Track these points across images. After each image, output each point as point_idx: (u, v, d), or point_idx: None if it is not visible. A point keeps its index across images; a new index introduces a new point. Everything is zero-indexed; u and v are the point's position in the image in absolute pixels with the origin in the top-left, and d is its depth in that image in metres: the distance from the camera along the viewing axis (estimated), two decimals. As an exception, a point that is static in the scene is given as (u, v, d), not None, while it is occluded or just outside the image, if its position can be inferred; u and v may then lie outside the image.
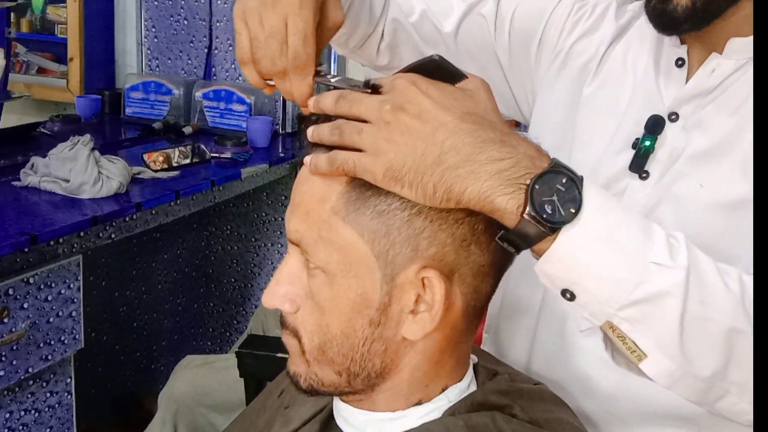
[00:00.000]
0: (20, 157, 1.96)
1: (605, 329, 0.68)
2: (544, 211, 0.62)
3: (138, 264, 2.55)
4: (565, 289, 0.66)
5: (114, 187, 1.76)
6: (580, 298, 0.66)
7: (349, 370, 0.71)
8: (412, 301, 0.68)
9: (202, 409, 1.84)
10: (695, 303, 0.66)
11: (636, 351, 0.67)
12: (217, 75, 2.67)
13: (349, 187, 0.67)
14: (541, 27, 1.06)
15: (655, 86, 0.94)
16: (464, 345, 0.74)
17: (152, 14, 2.72)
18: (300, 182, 0.71)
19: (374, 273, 0.68)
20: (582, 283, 0.65)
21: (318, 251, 0.69)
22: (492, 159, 0.62)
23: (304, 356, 0.72)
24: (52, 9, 2.95)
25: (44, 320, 1.52)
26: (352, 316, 0.69)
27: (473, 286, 0.70)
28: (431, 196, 0.63)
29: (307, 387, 0.73)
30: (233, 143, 2.30)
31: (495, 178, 0.62)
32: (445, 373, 0.74)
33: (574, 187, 0.63)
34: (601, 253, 0.64)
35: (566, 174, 0.63)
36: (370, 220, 0.67)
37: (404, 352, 0.71)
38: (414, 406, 0.73)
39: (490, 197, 0.62)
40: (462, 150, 0.62)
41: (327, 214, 0.68)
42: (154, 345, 2.66)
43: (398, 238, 0.66)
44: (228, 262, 2.79)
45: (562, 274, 0.65)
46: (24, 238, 1.47)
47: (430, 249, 0.67)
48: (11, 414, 1.51)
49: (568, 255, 0.64)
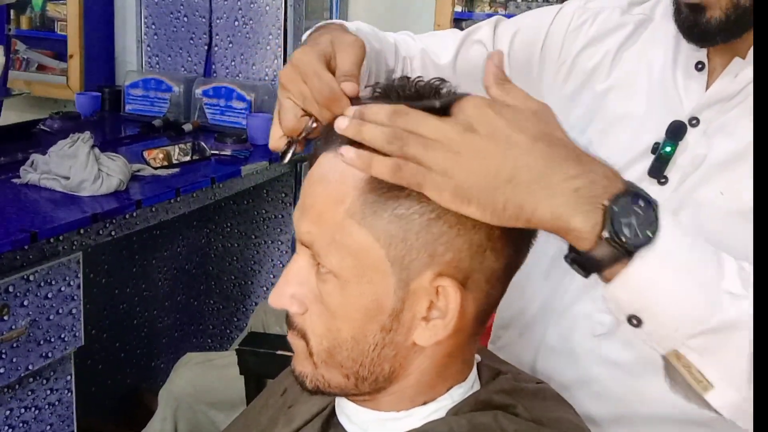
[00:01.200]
0: (20, 154, 1.95)
1: (669, 357, 0.65)
2: (623, 234, 0.59)
3: (138, 261, 2.55)
4: (632, 315, 0.64)
5: (114, 185, 1.75)
6: (647, 325, 0.63)
7: (357, 374, 0.70)
8: (425, 308, 0.67)
9: (203, 406, 1.84)
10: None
11: (702, 381, 0.65)
12: (217, 72, 2.66)
13: (367, 188, 0.65)
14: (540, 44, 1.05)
15: (674, 90, 0.92)
16: (471, 348, 0.74)
17: (152, 11, 2.71)
18: (312, 182, 0.69)
19: (388, 278, 0.66)
20: (653, 309, 0.63)
21: (331, 255, 0.67)
22: (567, 177, 0.60)
23: (312, 358, 0.71)
24: (52, 6, 2.95)
25: (44, 318, 1.52)
26: (364, 322, 0.68)
27: (485, 291, 0.69)
28: (500, 213, 0.61)
29: (313, 388, 0.72)
30: (233, 140, 2.30)
31: (570, 196, 0.59)
32: (450, 375, 0.73)
33: (652, 210, 0.61)
34: (677, 279, 0.62)
35: (643, 196, 0.61)
36: (387, 224, 0.65)
37: (414, 357, 0.70)
38: (418, 406, 0.73)
39: (564, 216, 0.60)
40: (535, 168, 0.60)
41: (341, 217, 0.66)
42: (154, 342, 2.66)
43: (416, 243, 0.65)
44: (228, 260, 2.79)
45: (633, 299, 0.63)
46: (24, 235, 1.47)
47: (447, 255, 0.65)
48: (11, 411, 1.51)
49: (643, 280, 0.62)
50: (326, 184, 0.67)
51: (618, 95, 0.97)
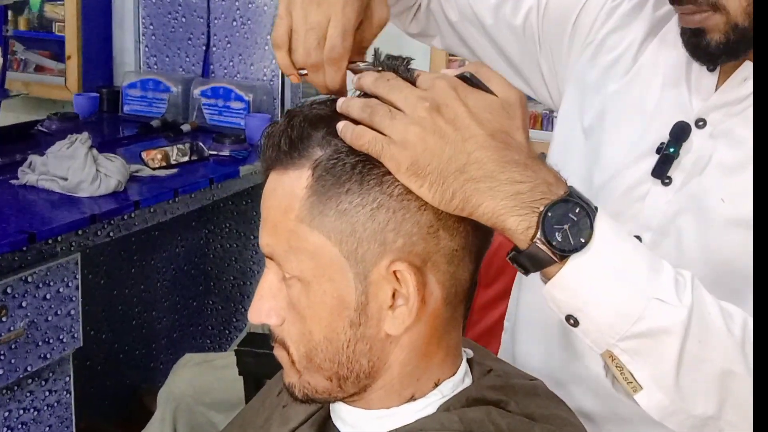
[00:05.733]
0: (18, 155, 1.96)
1: (605, 358, 0.69)
2: (554, 239, 0.64)
3: (136, 262, 2.55)
4: (569, 315, 0.67)
5: (112, 186, 1.75)
6: (582, 325, 0.67)
7: (338, 374, 0.71)
8: (389, 297, 0.68)
9: (202, 407, 1.84)
10: (694, 342, 0.67)
11: (632, 382, 0.69)
12: (215, 72, 2.66)
13: (309, 192, 0.67)
14: (575, 15, 1.04)
15: (685, 90, 0.92)
16: (452, 334, 0.74)
17: (150, 12, 2.71)
18: (265, 197, 0.72)
19: (347, 274, 0.68)
20: (586, 311, 0.67)
21: (290, 261, 0.69)
22: (512, 180, 0.64)
23: (295, 366, 0.73)
24: (50, 7, 2.95)
25: (43, 319, 1.52)
26: (332, 320, 0.69)
27: (449, 272, 0.70)
28: (448, 202, 0.64)
29: (302, 396, 0.74)
30: (231, 141, 2.30)
31: (511, 199, 0.63)
32: (435, 366, 0.73)
33: (587, 217, 0.65)
34: (606, 283, 0.66)
35: (580, 204, 0.65)
36: (334, 221, 0.67)
37: (390, 349, 0.71)
38: (408, 402, 0.73)
39: (502, 216, 0.64)
40: (486, 165, 0.63)
41: (293, 224, 0.68)
42: (153, 343, 2.66)
43: (364, 234, 0.67)
44: (227, 260, 2.79)
45: (567, 299, 0.67)
46: (22, 236, 1.47)
47: (398, 241, 0.67)
48: (10, 413, 1.51)
49: (574, 282, 0.66)
50: (274, 197, 0.70)
51: (633, 91, 0.97)
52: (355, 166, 0.67)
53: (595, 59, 1.01)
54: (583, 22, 1.04)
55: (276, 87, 2.59)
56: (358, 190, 0.67)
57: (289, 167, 0.69)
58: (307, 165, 0.68)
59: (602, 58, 1.01)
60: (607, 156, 0.95)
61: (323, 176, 0.67)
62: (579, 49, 1.04)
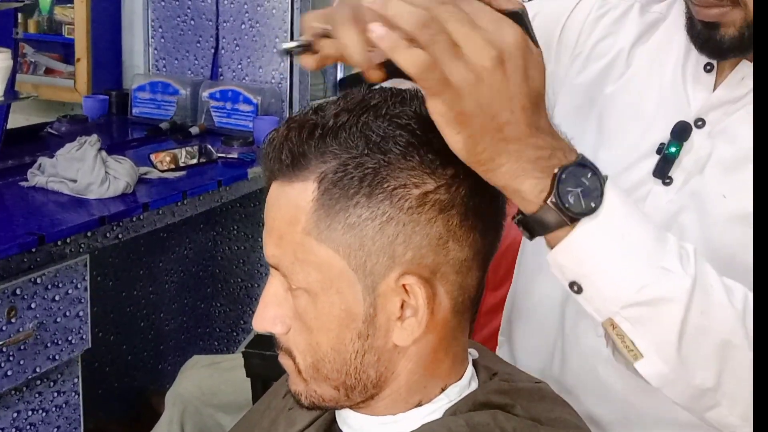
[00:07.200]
0: (27, 157, 1.96)
1: (606, 326, 0.69)
2: (567, 201, 0.63)
3: (145, 264, 2.55)
4: (573, 282, 0.67)
5: (121, 188, 1.76)
6: (586, 292, 0.67)
7: (345, 384, 0.71)
8: (398, 308, 0.68)
9: (209, 409, 1.84)
10: (696, 312, 0.67)
11: (633, 350, 0.68)
12: (224, 75, 2.67)
13: (315, 205, 0.66)
14: (558, 30, 1.04)
15: (683, 91, 0.92)
16: (459, 341, 0.74)
17: (159, 14, 2.72)
18: (269, 207, 0.70)
19: (355, 286, 0.67)
20: (591, 277, 0.66)
21: (297, 273, 0.68)
22: (536, 146, 0.63)
23: (301, 375, 0.72)
24: (60, 10, 2.96)
25: (51, 320, 1.52)
26: (340, 332, 0.69)
27: (458, 282, 0.69)
28: (476, 155, 0.62)
29: (309, 404, 0.74)
30: (240, 143, 2.30)
31: (531, 162, 0.63)
32: (442, 373, 0.73)
33: (598, 183, 0.65)
34: (614, 250, 0.66)
35: (592, 170, 0.65)
36: (342, 235, 0.66)
37: (397, 359, 0.70)
38: (415, 408, 0.73)
39: (520, 178, 0.63)
40: (520, 127, 0.62)
41: (300, 236, 0.67)
42: (161, 345, 2.66)
43: (373, 248, 0.66)
44: (235, 262, 2.79)
45: (573, 265, 0.66)
46: (31, 238, 1.48)
47: (407, 254, 0.66)
48: (19, 414, 1.52)
49: (582, 247, 0.65)
50: (279, 208, 0.69)
51: (629, 95, 0.97)
52: (362, 179, 0.65)
53: (586, 68, 1.01)
54: (568, 36, 1.04)
55: (284, 90, 2.60)
56: (366, 204, 0.65)
57: (293, 179, 0.67)
58: (311, 178, 0.66)
59: (593, 65, 1.01)
60: (606, 158, 0.95)
61: (330, 189, 0.66)
62: (567, 62, 1.04)
